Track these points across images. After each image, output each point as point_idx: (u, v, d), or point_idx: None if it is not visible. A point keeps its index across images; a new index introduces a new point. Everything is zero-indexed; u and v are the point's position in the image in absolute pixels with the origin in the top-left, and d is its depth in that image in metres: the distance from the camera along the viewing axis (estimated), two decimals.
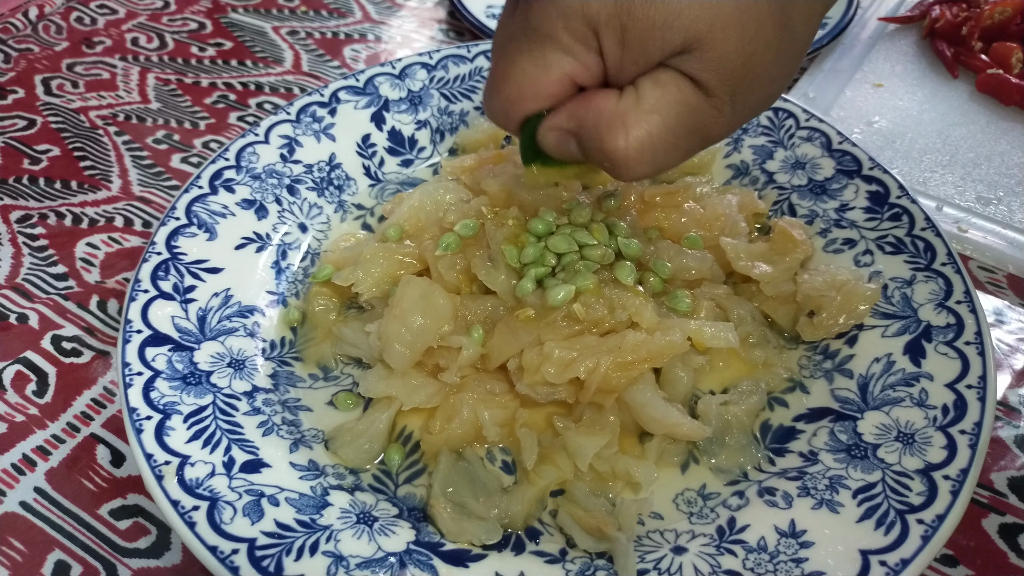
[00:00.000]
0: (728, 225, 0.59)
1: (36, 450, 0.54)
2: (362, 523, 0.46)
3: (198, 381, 0.51)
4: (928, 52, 0.88)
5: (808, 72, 0.85)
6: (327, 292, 0.59)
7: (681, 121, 0.40)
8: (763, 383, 0.54)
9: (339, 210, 0.67)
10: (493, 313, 0.53)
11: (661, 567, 0.44)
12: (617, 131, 0.40)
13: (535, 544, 0.47)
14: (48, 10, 0.94)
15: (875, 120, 0.80)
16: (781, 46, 0.40)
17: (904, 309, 0.54)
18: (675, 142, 0.41)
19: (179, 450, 0.46)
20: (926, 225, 0.58)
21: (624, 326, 0.50)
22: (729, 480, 0.50)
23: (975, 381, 0.49)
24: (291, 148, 0.66)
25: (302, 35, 0.93)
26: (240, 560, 0.42)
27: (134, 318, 0.52)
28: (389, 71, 0.72)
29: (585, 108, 0.41)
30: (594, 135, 0.41)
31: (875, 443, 0.48)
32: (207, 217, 0.60)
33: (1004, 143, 0.77)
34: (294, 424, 0.52)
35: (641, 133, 0.40)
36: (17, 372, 0.59)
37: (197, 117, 0.81)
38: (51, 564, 0.49)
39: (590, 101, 0.41)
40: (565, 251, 0.51)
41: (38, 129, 0.79)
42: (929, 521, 0.43)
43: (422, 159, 0.72)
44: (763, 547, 0.44)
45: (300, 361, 0.57)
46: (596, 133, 0.41)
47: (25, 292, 0.64)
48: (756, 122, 0.69)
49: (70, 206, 0.71)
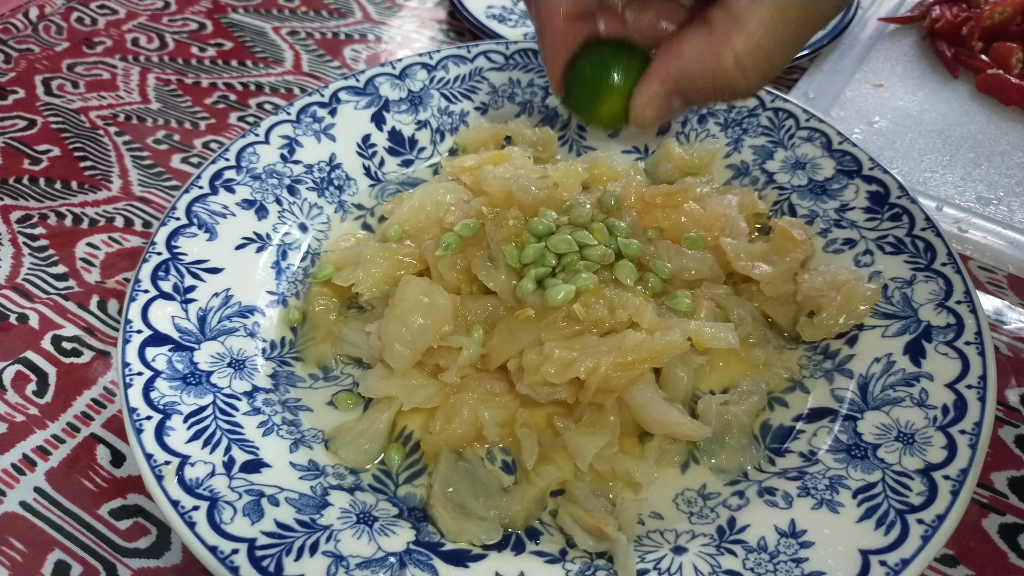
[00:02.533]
0: (728, 225, 0.59)
1: (36, 450, 0.54)
2: (362, 523, 0.46)
3: (198, 381, 0.51)
4: (928, 52, 0.88)
5: (808, 72, 0.85)
6: (327, 292, 0.59)
7: (785, 19, 0.38)
8: (763, 383, 0.54)
9: (339, 210, 0.67)
10: (493, 313, 0.53)
11: (661, 567, 0.44)
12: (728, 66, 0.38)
13: (535, 544, 0.47)
14: (48, 10, 0.94)
15: (875, 120, 0.80)
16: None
17: (904, 309, 0.54)
18: (783, 44, 0.39)
19: (179, 450, 0.46)
20: (926, 225, 0.58)
21: (624, 326, 0.50)
22: (729, 480, 0.50)
23: (975, 381, 0.49)
24: (291, 148, 0.66)
25: (302, 35, 0.93)
26: (240, 560, 0.42)
27: (134, 318, 0.52)
28: (389, 71, 0.72)
29: (678, 63, 0.40)
30: (703, 81, 0.39)
31: (875, 443, 0.48)
32: (207, 217, 0.60)
33: (1004, 143, 0.77)
34: (294, 424, 0.52)
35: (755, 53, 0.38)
36: (17, 372, 0.59)
37: (197, 117, 0.81)
38: (51, 564, 0.49)
39: (679, 51, 0.39)
40: (565, 251, 0.51)
41: (38, 129, 0.79)
42: (929, 521, 0.43)
43: (422, 159, 0.72)
44: (763, 547, 0.44)
45: (300, 361, 0.57)
46: (704, 79, 0.39)
47: (25, 292, 0.64)
48: (756, 122, 0.69)
49: (70, 206, 0.71)
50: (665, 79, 0.41)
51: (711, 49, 0.39)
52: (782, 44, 0.39)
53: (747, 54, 0.39)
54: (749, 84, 0.40)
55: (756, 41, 0.38)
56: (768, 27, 0.38)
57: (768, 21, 0.38)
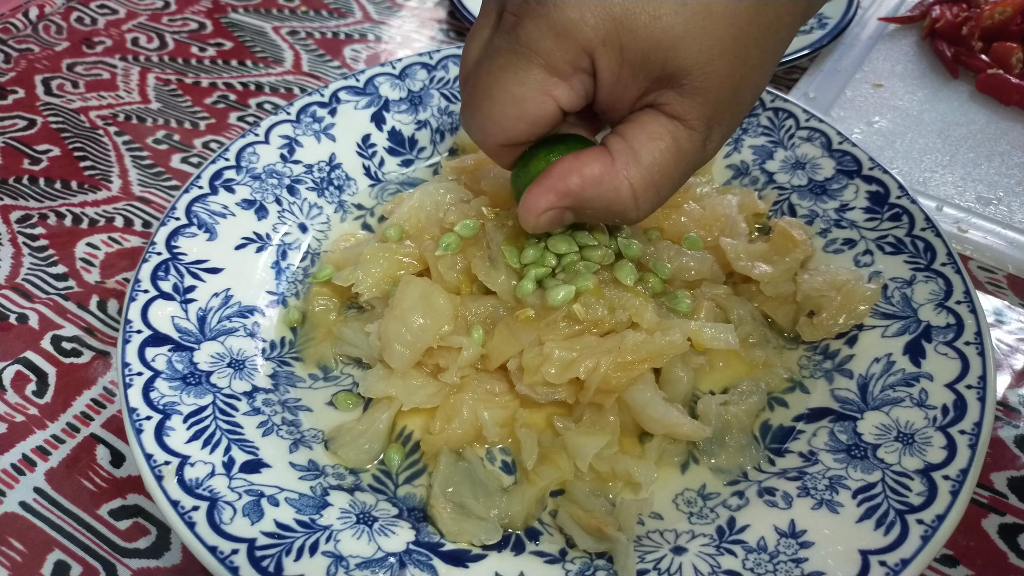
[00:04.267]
0: (728, 225, 0.59)
1: (36, 450, 0.54)
2: (362, 523, 0.46)
3: (198, 381, 0.51)
4: (928, 52, 0.88)
5: (808, 72, 0.85)
6: (327, 292, 0.59)
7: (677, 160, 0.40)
8: (763, 383, 0.54)
9: (339, 210, 0.67)
10: (493, 313, 0.53)
11: (661, 567, 0.44)
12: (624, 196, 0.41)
13: (535, 544, 0.47)
14: (48, 10, 0.94)
15: (875, 120, 0.80)
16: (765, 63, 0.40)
17: (904, 309, 0.54)
18: (673, 181, 0.42)
19: (179, 450, 0.46)
20: (926, 225, 0.58)
21: (624, 326, 0.50)
22: (729, 480, 0.50)
23: (975, 381, 0.49)
24: (291, 148, 0.66)
25: (302, 35, 0.93)
26: (240, 560, 0.42)
27: (134, 318, 0.52)
28: (389, 71, 0.72)
29: (578, 182, 0.41)
30: (598, 204, 0.42)
31: (875, 443, 0.48)
32: (207, 217, 0.60)
33: (1004, 143, 0.77)
34: (294, 424, 0.52)
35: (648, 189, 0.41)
36: (17, 372, 0.59)
37: (197, 117, 0.81)
38: (51, 564, 0.49)
39: (580, 172, 0.41)
40: (565, 251, 0.51)
41: (38, 129, 0.79)
42: (929, 521, 0.43)
43: (422, 159, 0.72)
44: (763, 547, 0.44)
45: (300, 361, 0.57)
46: (601, 202, 0.41)
47: (25, 292, 0.64)
48: (756, 122, 0.69)
49: (70, 206, 0.71)
50: (563, 195, 0.42)
51: (611, 177, 0.40)
52: (672, 181, 0.42)
53: (642, 188, 0.41)
54: (639, 213, 0.42)
55: (652, 178, 0.40)
56: (661, 166, 0.40)
57: (660, 161, 0.40)
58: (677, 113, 0.39)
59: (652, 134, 0.40)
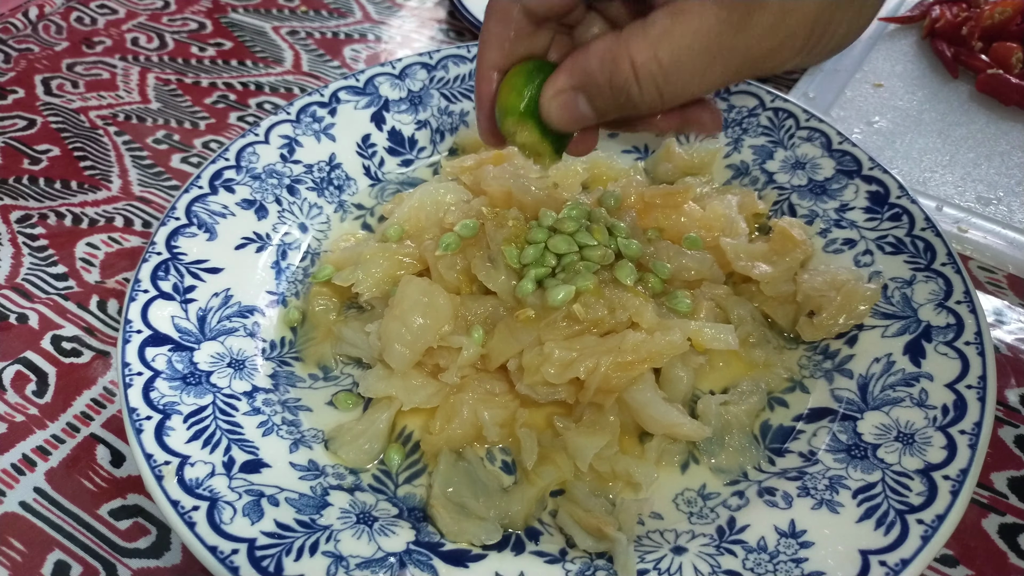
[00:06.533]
0: (728, 225, 0.59)
1: (36, 450, 0.54)
2: (362, 523, 0.46)
3: (198, 381, 0.51)
4: (928, 52, 0.88)
5: (808, 72, 0.85)
6: (327, 292, 0.59)
7: (694, 37, 0.36)
8: (763, 383, 0.54)
9: (339, 210, 0.67)
10: (493, 313, 0.53)
11: (661, 567, 0.44)
12: (623, 70, 0.37)
13: (535, 544, 0.47)
14: (48, 10, 0.94)
15: (875, 120, 0.80)
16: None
17: (904, 309, 0.54)
18: (688, 64, 0.37)
19: (179, 450, 0.46)
20: (926, 225, 0.58)
21: (624, 326, 0.50)
22: (729, 480, 0.50)
23: (975, 381, 0.49)
24: (291, 148, 0.66)
25: (302, 35, 0.93)
26: (240, 560, 0.42)
27: (134, 318, 0.52)
28: (389, 71, 0.72)
29: (583, 58, 0.39)
30: (602, 79, 0.38)
31: (875, 443, 0.48)
32: (207, 217, 0.60)
33: (1004, 143, 0.77)
34: (294, 424, 0.52)
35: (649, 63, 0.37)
36: (17, 372, 0.59)
37: (197, 117, 0.81)
38: (51, 564, 0.49)
39: (588, 48, 0.39)
40: (565, 251, 0.51)
41: (38, 129, 0.79)
42: (929, 521, 0.43)
43: (422, 159, 0.72)
44: (763, 547, 0.44)
45: (300, 361, 0.57)
46: (603, 77, 0.38)
47: (25, 292, 0.64)
48: (756, 122, 0.69)
49: (70, 206, 0.71)
50: (570, 73, 0.40)
51: (613, 50, 0.38)
52: (682, 66, 0.37)
53: (642, 62, 0.37)
54: (643, 95, 0.38)
55: (653, 52, 0.37)
56: (671, 42, 0.36)
57: (671, 36, 0.36)
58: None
59: (671, 10, 0.36)
